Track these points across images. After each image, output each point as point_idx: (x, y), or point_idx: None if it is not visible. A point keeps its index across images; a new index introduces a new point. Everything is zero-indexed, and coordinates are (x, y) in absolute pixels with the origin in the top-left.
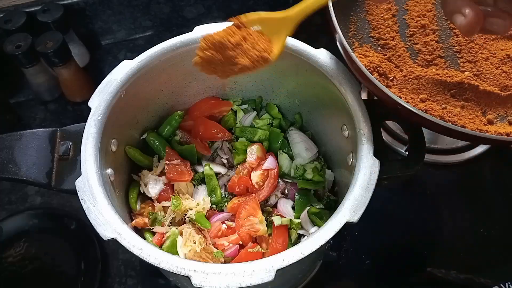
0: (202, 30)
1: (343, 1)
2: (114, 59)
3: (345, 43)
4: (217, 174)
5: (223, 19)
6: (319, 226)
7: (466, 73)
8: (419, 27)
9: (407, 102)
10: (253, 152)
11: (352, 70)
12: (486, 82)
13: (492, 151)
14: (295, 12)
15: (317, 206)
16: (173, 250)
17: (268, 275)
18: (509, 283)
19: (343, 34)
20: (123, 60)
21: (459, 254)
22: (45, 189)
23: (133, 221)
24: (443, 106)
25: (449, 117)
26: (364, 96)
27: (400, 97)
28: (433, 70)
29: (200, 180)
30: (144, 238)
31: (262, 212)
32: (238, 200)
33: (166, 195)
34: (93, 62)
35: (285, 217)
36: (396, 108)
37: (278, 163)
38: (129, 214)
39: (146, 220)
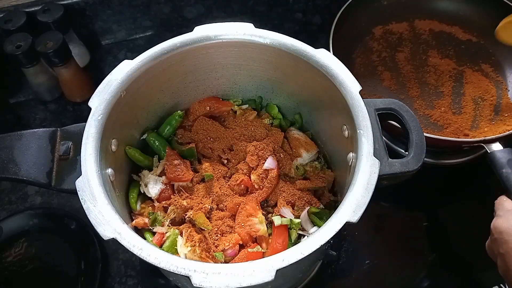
0: (202, 30)
1: None
2: (114, 59)
3: None
4: (217, 174)
5: (223, 19)
6: (319, 226)
7: None
8: None
9: None
10: (253, 152)
11: None
12: None
13: None
14: None
15: (317, 206)
16: (173, 250)
17: (268, 275)
18: None
19: None
20: (123, 60)
21: (459, 254)
22: (45, 189)
23: (133, 221)
24: None
25: None
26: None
27: None
28: None
29: (200, 180)
30: (144, 238)
31: (262, 212)
32: (238, 200)
33: (166, 195)
34: (93, 62)
35: (285, 217)
36: None
37: (278, 163)
38: (129, 214)
39: (146, 220)
